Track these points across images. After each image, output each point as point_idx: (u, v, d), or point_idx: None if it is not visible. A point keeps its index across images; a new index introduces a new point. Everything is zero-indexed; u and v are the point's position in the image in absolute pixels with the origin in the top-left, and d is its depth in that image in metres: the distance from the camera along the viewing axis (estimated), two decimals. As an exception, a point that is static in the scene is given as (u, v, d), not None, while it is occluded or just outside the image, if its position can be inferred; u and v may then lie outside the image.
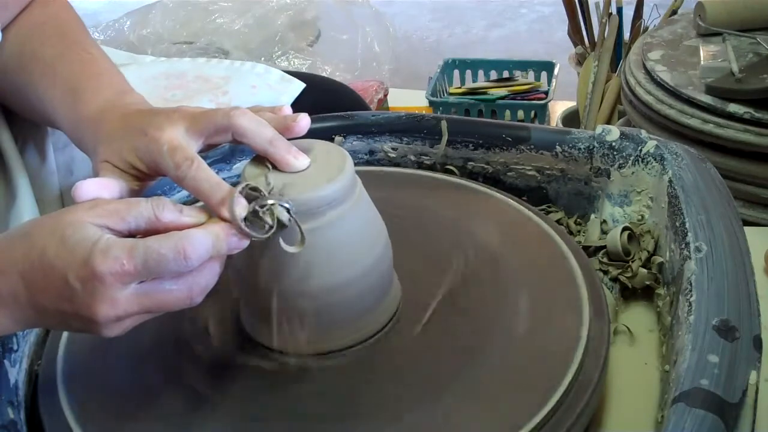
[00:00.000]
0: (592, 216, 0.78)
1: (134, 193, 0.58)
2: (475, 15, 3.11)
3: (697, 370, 0.50)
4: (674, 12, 1.70)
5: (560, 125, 1.79)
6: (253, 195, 0.53)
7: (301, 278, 0.56)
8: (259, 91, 0.99)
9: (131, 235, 0.51)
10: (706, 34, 1.36)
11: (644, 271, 0.69)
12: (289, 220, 0.53)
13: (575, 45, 1.93)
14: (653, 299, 0.69)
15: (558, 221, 0.79)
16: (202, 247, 0.49)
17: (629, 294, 0.71)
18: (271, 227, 0.52)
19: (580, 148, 0.77)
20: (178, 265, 0.48)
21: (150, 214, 0.50)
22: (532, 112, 1.86)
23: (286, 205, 0.52)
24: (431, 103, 1.89)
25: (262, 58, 1.66)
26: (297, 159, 0.56)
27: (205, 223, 0.51)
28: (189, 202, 0.69)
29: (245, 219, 0.51)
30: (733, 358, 0.51)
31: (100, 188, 0.55)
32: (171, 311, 0.51)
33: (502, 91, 1.92)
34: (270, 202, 0.52)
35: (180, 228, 0.50)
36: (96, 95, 0.64)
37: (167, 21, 1.72)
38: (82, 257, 0.48)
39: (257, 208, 0.51)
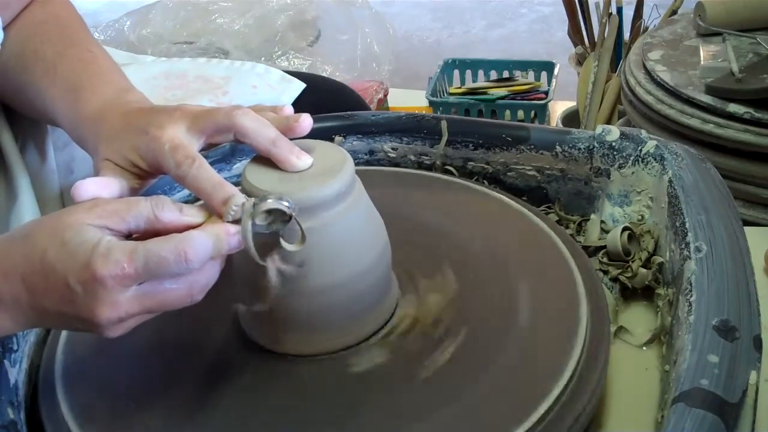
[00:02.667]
0: (592, 216, 0.78)
1: (134, 192, 0.58)
2: (475, 15, 3.11)
3: (697, 370, 0.50)
4: (674, 12, 1.70)
5: (560, 125, 1.79)
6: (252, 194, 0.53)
7: (299, 277, 0.56)
8: (260, 91, 0.99)
9: (131, 234, 0.51)
10: (706, 34, 1.36)
11: (644, 271, 0.69)
12: (289, 218, 0.53)
13: (575, 45, 1.93)
14: (653, 299, 0.69)
15: (558, 221, 0.79)
16: (202, 248, 0.49)
17: (629, 294, 0.71)
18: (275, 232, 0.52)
19: (580, 148, 0.77)
20: (179, 267, 0.48)
21: (150, 213, 0.50)
22: (532, 112, 1.86)
23: (286, 204, 0.52)
24: (431, 103, 1.89)
25: (262, 58, 1.66)
26: (300, 159, 0.56)
27: (206, 223, 0.51)
28: (190, 201, 0.69)
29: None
30: (733, 358, 0.51)
31: (100, 187, 0.55)
32: (172, 310, 0.51)
33: (502, 91, 1.92)
34: (270, 200, 0.52)
35: (179, 227, 0.50)
36: (97, 94, 0.65)
37: (167, 21, 1.72)
38: (82, 261, 0.48)
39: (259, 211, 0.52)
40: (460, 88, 2.00)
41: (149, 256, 0.48)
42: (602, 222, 0.76)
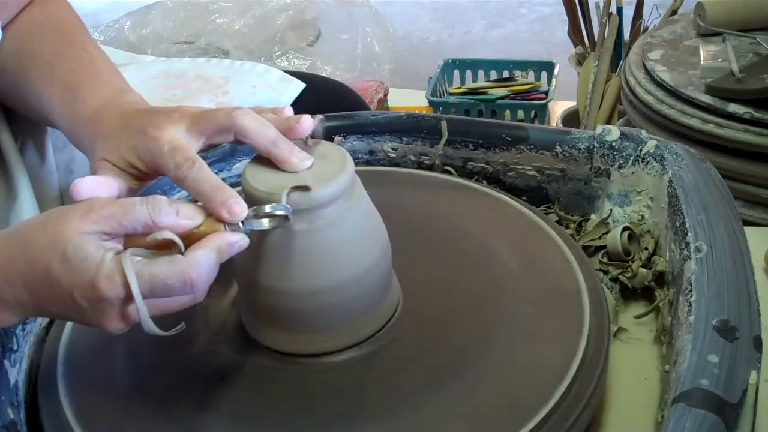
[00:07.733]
0: (592, 216, 0.78)
1: (132, 192, 0.58)
2: (475, 15, 3.11)
3: (697, 370, 0.50)
4: (674, 12, 1.69)
5: (560, 125, 1.79)
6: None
7: (300, 278, 0.56)
8: (259, 90, 0.99)
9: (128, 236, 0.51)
10: (706, 34, 1.36)
11: (644, 271, 0.69)
12: (287, 219, 0.53)
13: (575, 45, 1.93)
14: (653, 299, 0.69)
15: (558, 221, 0.79)
16: (207, 269, 0.49)
17: (629, 294, 0.71)
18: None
19: (580, 148, 0.77)
20: (184, 292, 0.49)
21: (147, 219, 0.50)
22: (532, 112, 1.85)
23: (282, 212, 0.52)
24: (431, 103, 1.89)
25: (262, 58, 1.66)
26: (300, 159, 0.56)
27: (204, 226, 0.51)
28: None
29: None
30: (733, 358, 0.51)
31: (98, 186, 0.54)
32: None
33: (502, 91, 1.92)
34: (268, 207, 0.52)
35: (177, 230, 0.50)
36: (94, 94, 0.64)
37: (167, 21, 1.72)
38: (88, 281, 0.48)
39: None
40: (460, 88, 2.00)
41: (155, 282, 0.48)
42: (602, 222, 0.76)
